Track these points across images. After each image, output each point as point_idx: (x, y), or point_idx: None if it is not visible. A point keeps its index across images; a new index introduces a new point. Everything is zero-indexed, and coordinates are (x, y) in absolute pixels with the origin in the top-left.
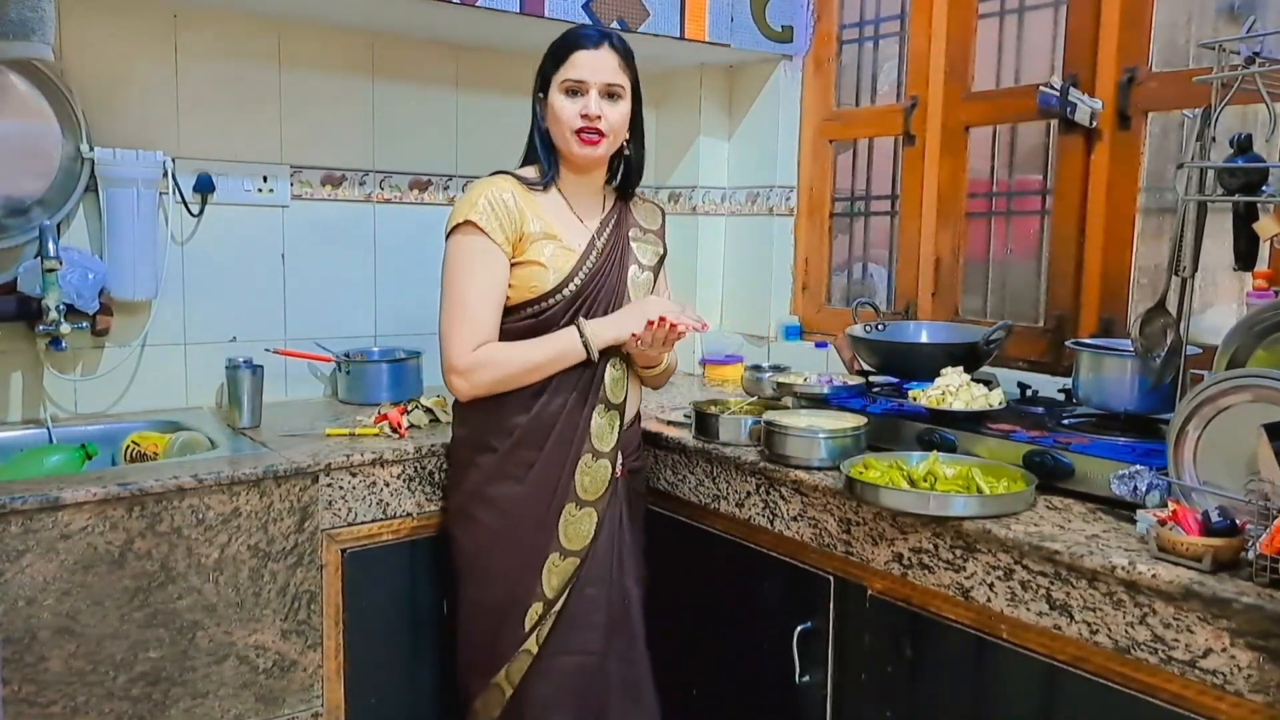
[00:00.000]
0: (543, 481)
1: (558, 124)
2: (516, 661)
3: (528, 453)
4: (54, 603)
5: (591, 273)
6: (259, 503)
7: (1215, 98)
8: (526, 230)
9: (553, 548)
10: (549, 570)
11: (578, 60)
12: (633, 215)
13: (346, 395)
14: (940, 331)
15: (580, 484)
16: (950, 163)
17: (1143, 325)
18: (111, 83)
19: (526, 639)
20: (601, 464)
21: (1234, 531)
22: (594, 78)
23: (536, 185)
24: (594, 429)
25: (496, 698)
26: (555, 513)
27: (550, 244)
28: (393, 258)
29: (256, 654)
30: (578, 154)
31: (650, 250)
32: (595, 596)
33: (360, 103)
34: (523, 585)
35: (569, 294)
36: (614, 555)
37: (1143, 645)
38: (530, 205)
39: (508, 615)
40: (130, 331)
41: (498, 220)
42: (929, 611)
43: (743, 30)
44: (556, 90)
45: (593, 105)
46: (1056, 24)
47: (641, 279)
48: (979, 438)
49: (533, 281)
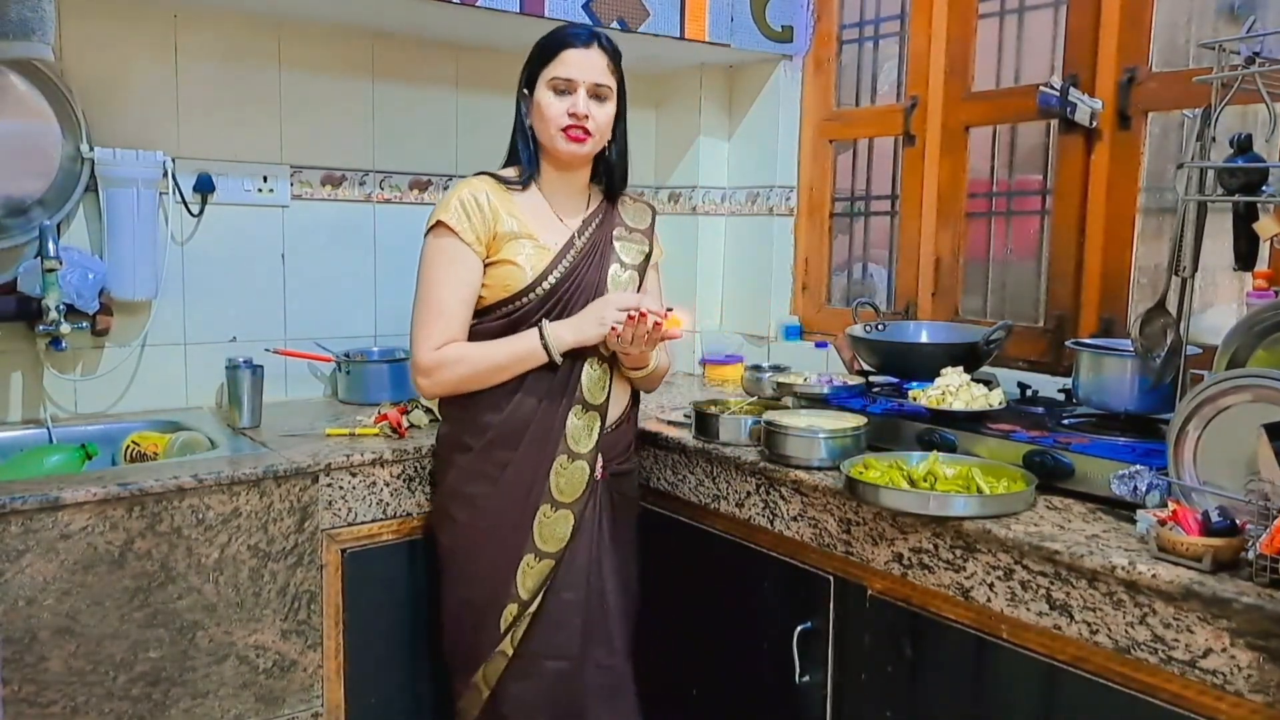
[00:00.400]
0: (517, 481)
1: (544, 121)
2: (493, 662)
3: (502, 452)
4: (54, 603)
5: (568, 271)
6: (259, 503)
7: (1215, 98)
8: (500, 230)
9: (527, 549)
10: (524, 571)
11: (567, 58)
12: (619, 215)
13: (346, 395)
14: (940, 331)
15: (555, 485)
16: (950, 163)
17: (1143, 325)
18: (111, 83)
19: (502, 640)
20: (578, 465)
21: (1234, 531)
22: (582, 76)
23: (515, 184)
24: (570, 429)
25: (475, 698)
26: (530, 513)
27: (526, 243)
28: (393, 258)
29: (256, 654)
30: (563, 150)
31: (635, 249)
32: (572, 600)
33: (360, 103)
34: (498, 586)
35: (542, 292)
36: (592, 559)
37: (1143, 645)
38: (506, 205)
39: (484, 615)
40: (130, 331)
41: (469, 221)
42: (929, 611)
43: (743, 30)
44: (544, 87)
45: (581, 104)
46: (1056, 24)
47: (624, 278)
48: (979, 438)
49: (507, 280)
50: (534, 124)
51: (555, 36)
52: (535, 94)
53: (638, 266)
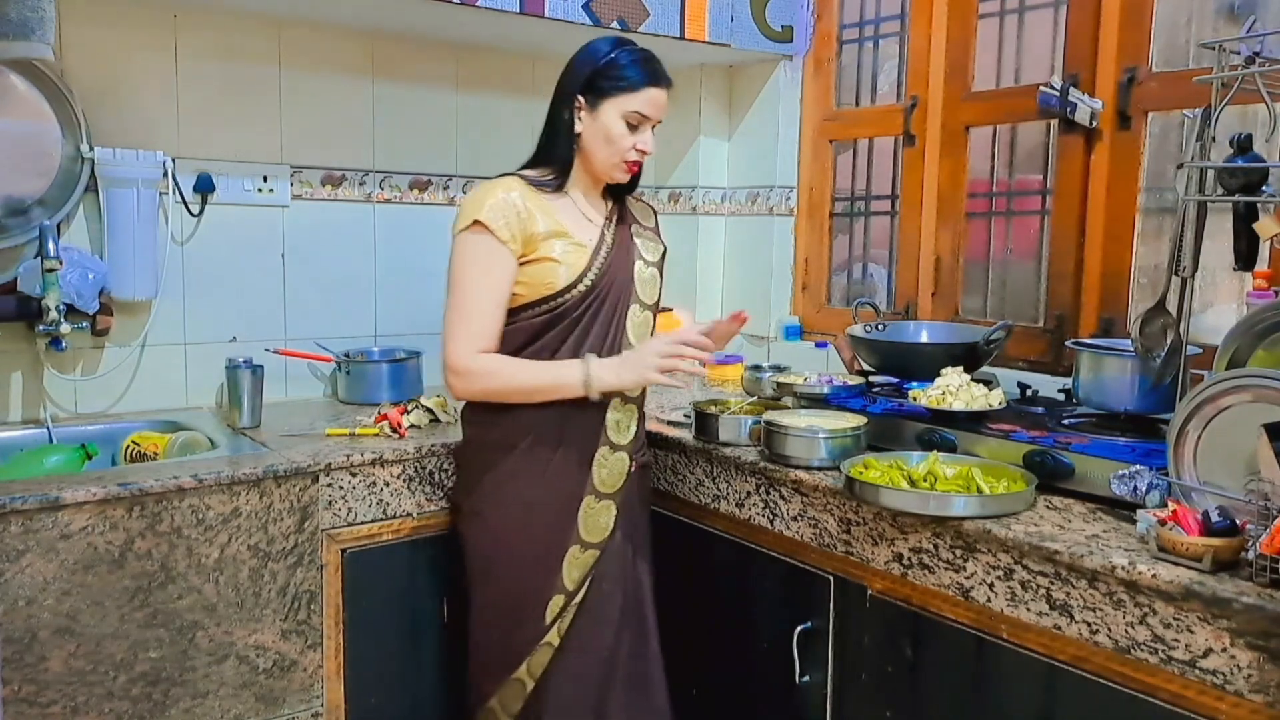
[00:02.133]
0: (563, 474)
1: (608, 145)
2: (538, 654)
3: (544, 449)
4: (54, 603)
5: (604, 268)
6: (259, 503)
7: (1215, 98)
8: (535, 230)
9: (573, 540)
10: (569, 563)
11: (651, 97)
12: (630, 214)
13: (346, 395)
14: (940, 331)
15: (598, 476)
16: (950, 163)
17: (1143, 325)
18: (111, 83)
19: (548, 631)
20: (619, 457)
21: (1234, 531)
22: (656, 115)
23: (546, 186)
24: (609, 422)
25: (517, 691)
26: (575, 505)
27: (560, 241)
28: (393, 258)
29: (256, 654)
30: (618, 178)
31: (653, 246)
32: (610, 591)
33: (360, 103)
34: (544, 578)
35: (584, 289)
36: (628, 549)
37: (1143, 645)
38: (538, 205)
39: (528, 610)
40: (130, 331)
41: (505, 220)
42: (929, 611)
43: (743, 30)
44: (615, 114)
45: (649, 142)
46: (1056, 24)
47: (647, 274)
48: (979, 438)
49: (547, 278)
50: (589, 142)
51: (640, 69)
52: (600, 114)
53: (657, 264)
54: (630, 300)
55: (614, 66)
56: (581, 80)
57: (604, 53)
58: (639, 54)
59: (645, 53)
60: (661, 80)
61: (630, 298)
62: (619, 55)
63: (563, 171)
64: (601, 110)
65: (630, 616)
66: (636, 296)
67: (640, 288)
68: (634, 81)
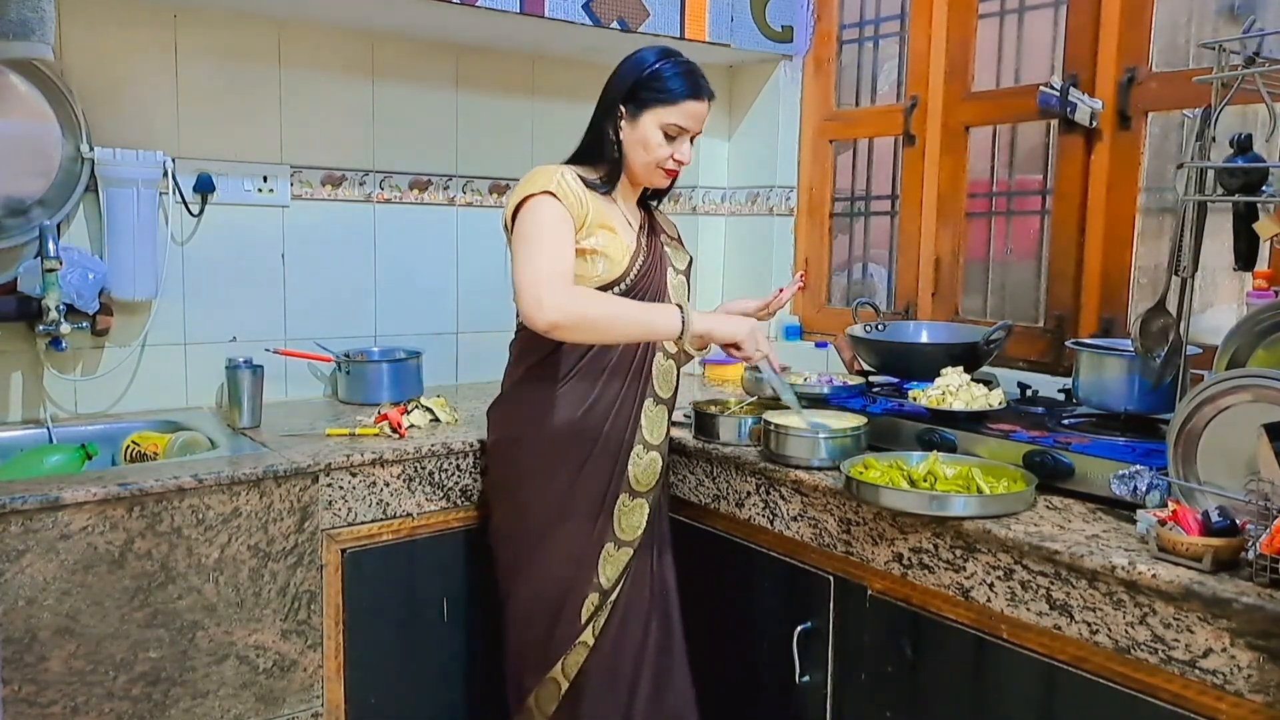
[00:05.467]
0: (597, 473)
1: (646, 153)
2: (573, 654)
3: (580, 448)
4: (54, 603)
5: (642, 270)
6: (259, 503)
7: (1215, 98)
8: (590, 218)
9: (608, 537)
10: (605, 560)
11: (691, 110)
12: (659, 223)
13: (346, 395)
14: (940, 331)
15: (633, 475)
16: (950, 163)
17: (1143, 325)
18: (111, 83)
19: (583, 631)
20: (652, 456)
21: (1234, 531)
22: (696, 127)
23: (596, 187)
24: (644, 422)
25: (552, 691)
26: (610, 503)
27: (606, 234)
28: (393, 258)
29: (256, 654)
30: (657, 183)
31: (681, 255)
32: (641, 589)
33: (360, 103)
34: (580, 576)
35: (628, 285)
36: (655, 546)
37: (1143, 645)
38: (591, 198)
39: (563, 608)
40: (130, 331)
41: (575, 196)
42: (929, 611)
43: (743, 30)
44: (654, 125)
45: (687, 152)
46: (1056, 24)
47: (677, 282)
48: (979, 438)
49: (594, 270)
50: (631, 150)
51: (685, 82)
52: (640, 123)
53: (685, 271)
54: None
55: (657, 78)
56: (625, 89)
57: (649, 63)
58: (682, 65)
59: (689, 65)
60: (702, 93)
61: (662, 301)
62: (663, 67)
63: (612, 176)
64: (641, 120)
65: (657, 613)
66: (669, 302)
67: (672, 294)
68: (674, 94)
